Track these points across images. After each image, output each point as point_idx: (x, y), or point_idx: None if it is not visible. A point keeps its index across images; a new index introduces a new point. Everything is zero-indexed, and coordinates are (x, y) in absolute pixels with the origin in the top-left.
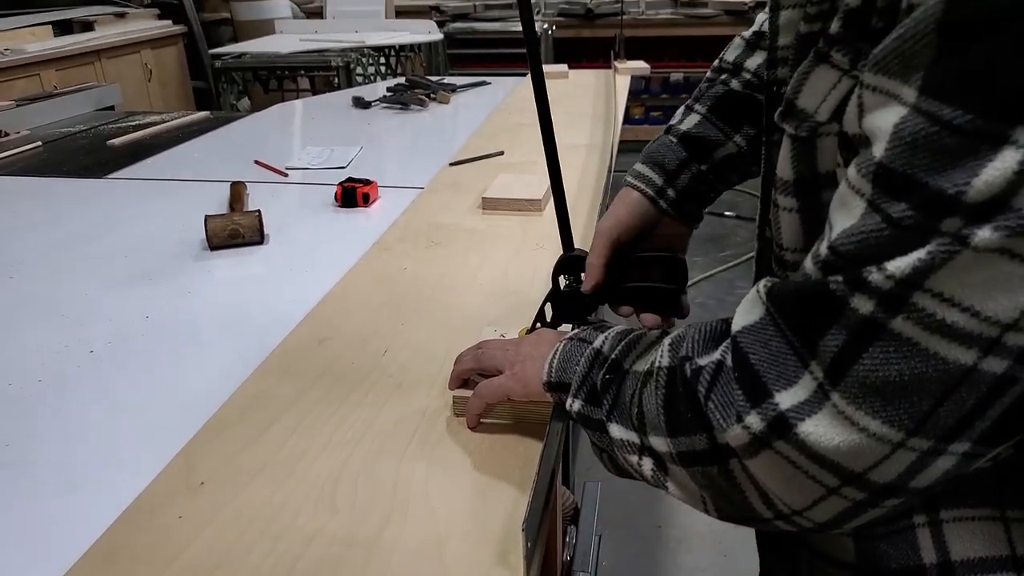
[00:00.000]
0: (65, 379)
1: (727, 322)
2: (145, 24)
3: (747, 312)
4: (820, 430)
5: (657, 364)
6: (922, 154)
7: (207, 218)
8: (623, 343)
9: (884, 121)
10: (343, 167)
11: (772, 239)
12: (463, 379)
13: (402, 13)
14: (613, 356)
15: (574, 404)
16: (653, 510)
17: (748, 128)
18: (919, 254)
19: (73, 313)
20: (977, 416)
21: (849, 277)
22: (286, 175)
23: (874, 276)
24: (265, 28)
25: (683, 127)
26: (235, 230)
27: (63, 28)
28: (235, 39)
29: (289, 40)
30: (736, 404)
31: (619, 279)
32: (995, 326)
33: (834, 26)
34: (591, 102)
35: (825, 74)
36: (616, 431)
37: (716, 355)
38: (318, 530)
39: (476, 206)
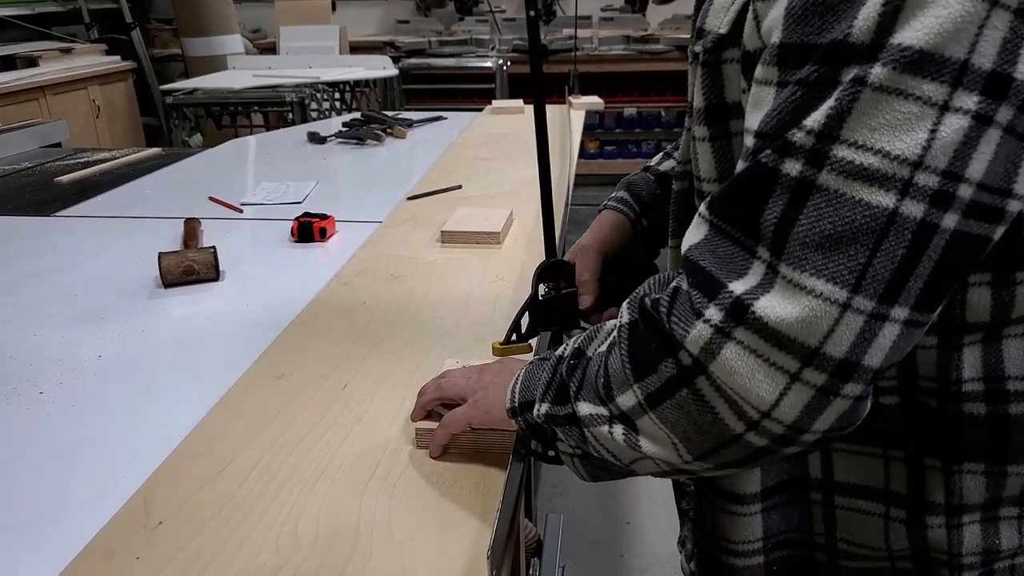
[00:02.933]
0: (13, 423)
1: (677, 271)
2: (92, 60)
3: (693, 233)
4: (774, 303)
5: (618, 324)
6: (811, 20)
7: (161, 255)
8: (584, 336)
9: (776, 12)
10: (299, 202)
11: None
12: (427, 410)
13: (356, 49)
14: (576, 346)
15: (541, 408)
16: (615, 540)
17: None
18: (829, 103)
19: (21, 355)
20: (909, 271)
21: (776, 145)
22: (241, 211)
23: (796, 136)
24: (217, 64)
25: (660, 168)
26: (190, 267)
27: (6, 64)
28: (186, 75)
29: (242, 76)
30: (694, 305)
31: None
32: (905, 165)
33: None
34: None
35: None
36: (585, 409)
37: (672, 284)
38: (280, 567)
39: (435, 239)
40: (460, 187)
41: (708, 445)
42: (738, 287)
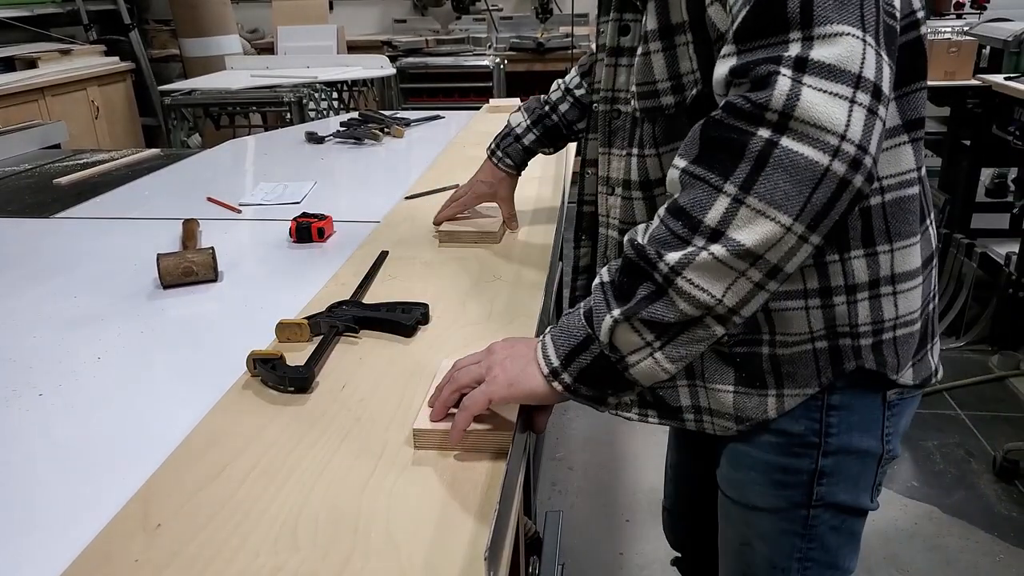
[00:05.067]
0: (13, 424)
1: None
2: (91, 61)
3: (724, 65)
4: (822, 50)
5: (681, 170)
6: None
7: (159, 256)
8: (625, 243)
9: None
10: (297, 202)
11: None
12: (448, 407)
13: (354, 48)
14: (632, 239)
15: (614, 312)
16: (615, 538)
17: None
18: None
19: (21, 357)
20: (879, 15)
21: None
22: (239, 211)
23: None
24: (215, 64)
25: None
26: (188, 268)
27: (5, 65)
28: (184, 75)
29: (240, 76)
30: (768, 75)
31: None
32: None
33: None
34: None
35: None
36: (673, 256)
37: (725, 101)
38: (279, 568)
39: (433, 239)
40: (458, 186)
41: (803, 193)
42: (791, 51)
